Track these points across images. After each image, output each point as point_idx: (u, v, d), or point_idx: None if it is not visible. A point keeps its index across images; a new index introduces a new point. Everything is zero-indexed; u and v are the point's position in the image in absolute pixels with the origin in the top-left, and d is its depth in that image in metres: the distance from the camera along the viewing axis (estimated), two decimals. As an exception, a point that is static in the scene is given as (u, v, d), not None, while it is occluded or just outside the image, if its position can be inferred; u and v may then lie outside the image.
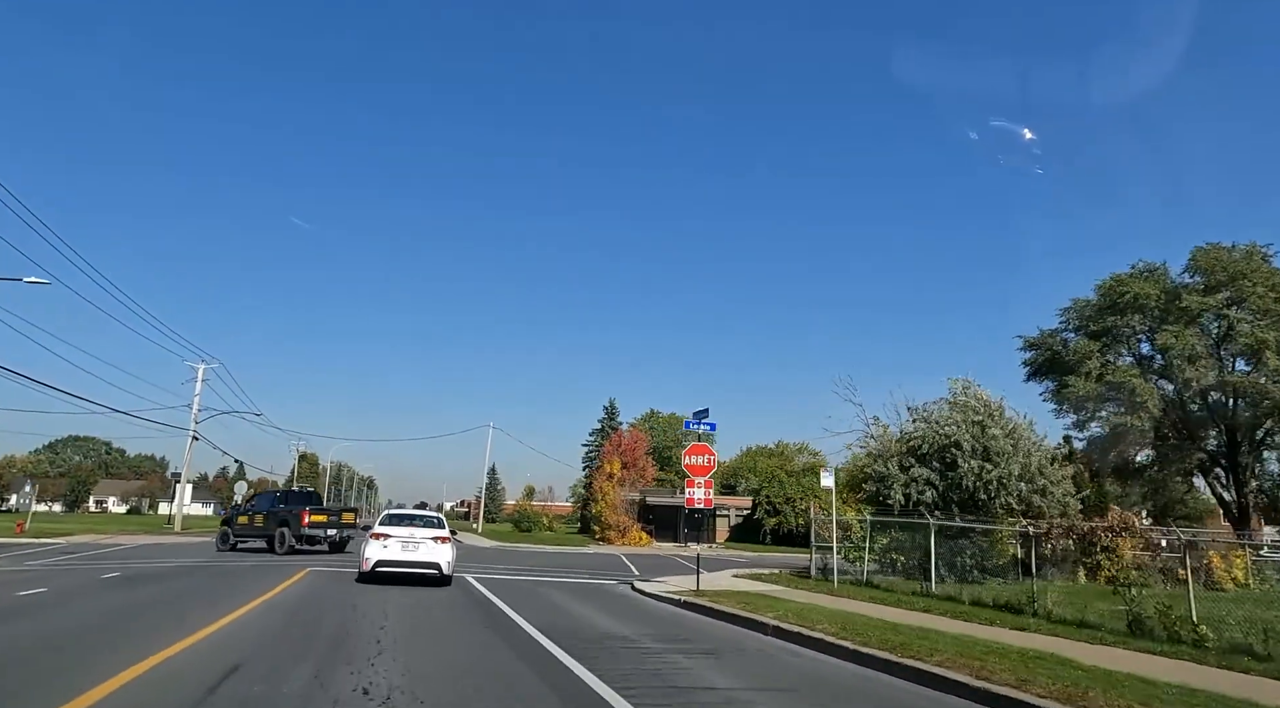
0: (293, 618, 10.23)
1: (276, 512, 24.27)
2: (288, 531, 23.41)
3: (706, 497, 16.34)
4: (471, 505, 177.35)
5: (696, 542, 47.52)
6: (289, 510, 24.02)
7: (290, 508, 24.29)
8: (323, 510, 25.01)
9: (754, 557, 36.17)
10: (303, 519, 23.34)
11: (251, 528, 25.11)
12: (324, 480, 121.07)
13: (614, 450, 73.37)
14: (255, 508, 25.79)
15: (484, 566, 22.99)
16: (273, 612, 10.73)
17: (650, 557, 33.02)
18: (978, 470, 20.10)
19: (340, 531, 24.80)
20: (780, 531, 45.73)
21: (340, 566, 19.76)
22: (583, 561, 28.03)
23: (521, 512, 78.82)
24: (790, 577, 21.33)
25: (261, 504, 25.80)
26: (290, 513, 23.86)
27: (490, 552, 32.17)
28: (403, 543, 15.13)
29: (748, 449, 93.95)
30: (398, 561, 14.97)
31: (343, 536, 25.02)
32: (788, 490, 46.65)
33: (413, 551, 15.05)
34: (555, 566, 24.55)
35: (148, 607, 11.18)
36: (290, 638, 8.55)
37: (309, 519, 23.44)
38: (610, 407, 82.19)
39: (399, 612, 11.12)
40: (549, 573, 21.26)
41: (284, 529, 23.50)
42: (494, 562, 25.10)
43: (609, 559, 29.41)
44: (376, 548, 15.07)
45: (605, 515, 45.99)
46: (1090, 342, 28.24)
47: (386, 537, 15.21)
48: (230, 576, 16.62)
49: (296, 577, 16.14)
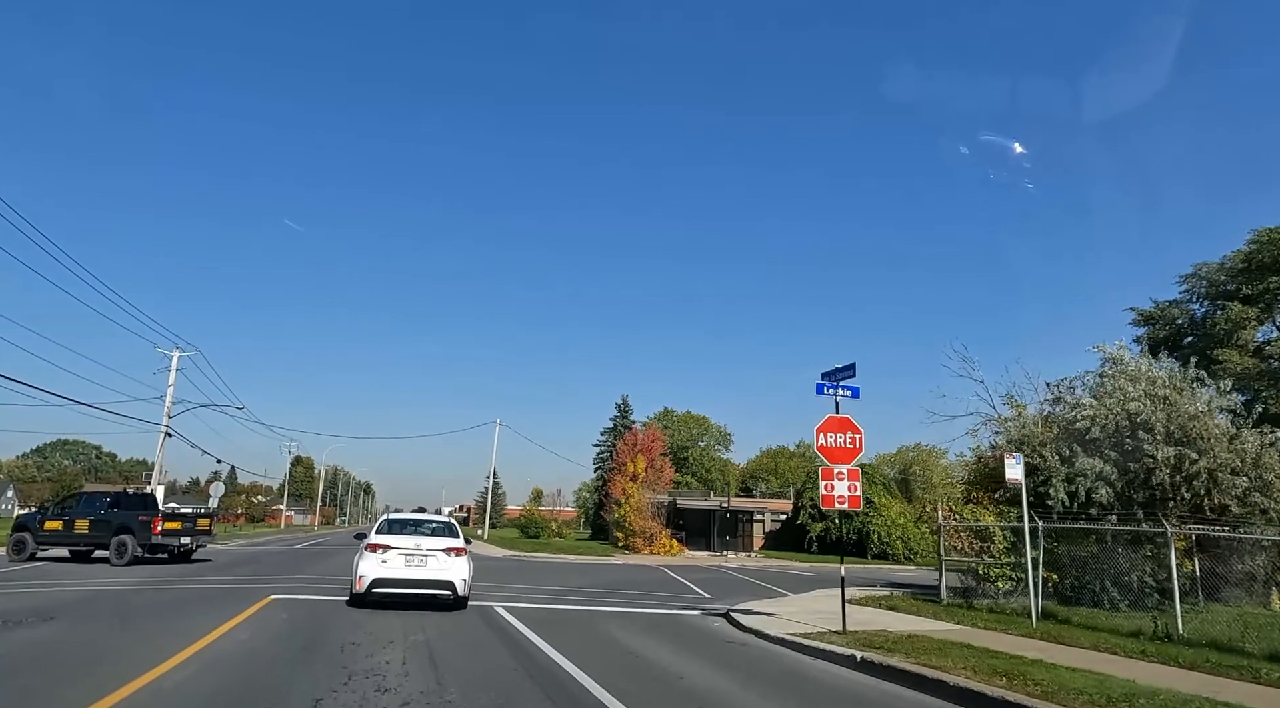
0: None
1: (111, 517, 20.93)
2: (131, 539, 20.27)
3: (852, 493, 11.28)
4: (471, 510, 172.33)
5: (734, 551, 42.44)
6: (131, 516, 20.90)
7: (134, 513, 21.12)
8: (176, 517, 22.33)
9: (817, 569, 31.02)
10: (154, 526, 20.57)
11: (65, 535, 21.35)
12: (319, 485, 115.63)
13: (630, 450, 68.40)
14: (72, 511, 21.61)
15: (505, 585, 17.85)
16: None
17: (698, 570, 27.83)
18: (1175, 460, 14.97)
19: (195, 538, 22.49)
20: (828, 538, 40.53)
21: (315, 590, 14.58)
22: (623, 576, 22.85)
23: (529, 517, 73.57)
24: (915, 601, 16.23)
25: (85, 508, 21.45)
26: (134, 519, 20.69)
27: (506, 564, 26.98)
28: (406, 556, 12.10)
29: (767, 450, 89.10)
30: (401, 579, 11.96)
31: (197, 544, 22.73)
32: (835, 492, 41.38)
33: (420, 566, 12.08)
34: (595, 584, 19.36)
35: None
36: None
37: (162, 526, 20.79)
38: (623, 404, 76.97)
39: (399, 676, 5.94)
40: (595, 597, 16.09)
41: (125, 536, 20.31)
42: (515, 579, 19.98)
43: (654, 575, 24.21)
44: (373, 563, 11.98)
45: (630, 521, 40.77)
46: (1245, 307, 23.13)
47: (386, 549, 12.10)
48: (152, 612, 11.40)
49: (247, 613, 10.95)
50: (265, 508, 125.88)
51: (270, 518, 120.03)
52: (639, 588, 18.66)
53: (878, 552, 38.81)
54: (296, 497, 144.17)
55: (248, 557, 25.92)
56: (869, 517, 39.61)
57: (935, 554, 41.36)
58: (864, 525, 39.50)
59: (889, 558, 38.50)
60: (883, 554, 38.72)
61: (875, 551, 38.83)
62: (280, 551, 31.44)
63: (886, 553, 38.70)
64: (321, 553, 29.59)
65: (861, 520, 39.81)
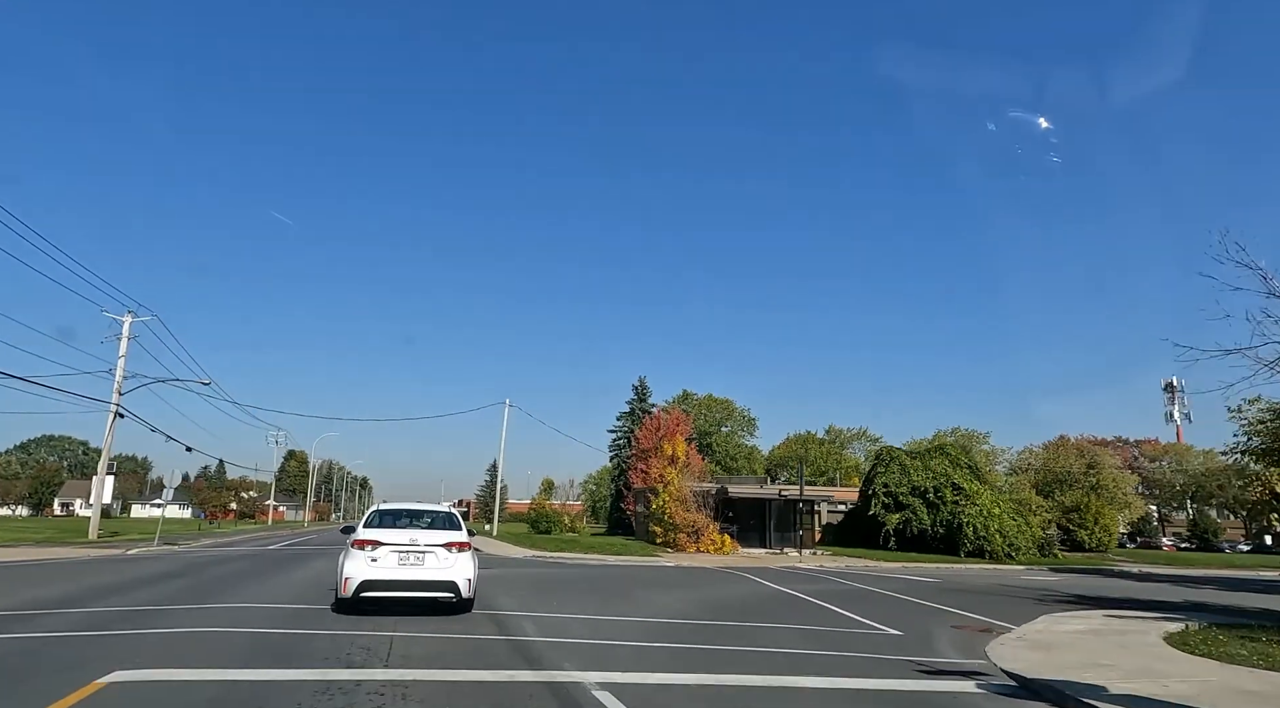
0: None
1: None
2: None
3: None
4: (471, 505, 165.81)
5: (792, 547, 35.85)
6: None
7: None
8: None
9: (928, 571, 24.40)
10: None
11: None
12: (311, 479, 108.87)
13: (652, 434, 61.63)
14: None
15: (563, 611, 11.16)
16: None
17: (787, 575, 21.12)
18: None
19: None
20: (907, 531, 33.89)
21: (223, 649, 7.89)
22: (713, 593, 16.18)
23: (539, 510, 66.93)
24: (1259, 640, 9.53)
25: None
26: None
27: (535, 570, 20.30)
28: (401, 554, 10.09)
29: (796, 436, 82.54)
30: (395, 581, 9.94)
31: None
32: (916, 478, 34.75)
33: (416, 565, 10.06)
34: (694, 609, 12.63)
35: None
36: None
37: None
38: (640, 386, 70.22)
39: None
40: (728, 639, 9.39)
41: None
42: (564, 596, 13.42)
43: (749, 588, 17.52)
44: (362, 562, 9.96)
45: (671, 513, 34.09)
46: None
47: (376, 545, 10.06)
48: None
49: None
50: (256, 504, 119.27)
51: (262, 514, 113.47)
52: (766, 615, 11.97)
53: (972, 549, 32.20)
54: (289, 492, 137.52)
55: (189, 564, 19.20)
56: (960, 506, 32.98)
57: (1039, 550, 34.93)
58: (954, 516, 32.87)
59: (986, 556, 31.90)
60: (978, 551, 32.12)
61: (969, 547, 32.22)
62: (244, 554, 24.73)
63: (983, 550, 32.10)
64: (292, 558, 22.86)
65: (951, 510, 33.18)
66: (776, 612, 12.45)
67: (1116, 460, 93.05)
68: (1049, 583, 22.12)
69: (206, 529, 56.25)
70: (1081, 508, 47.40)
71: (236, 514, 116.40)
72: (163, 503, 33.20)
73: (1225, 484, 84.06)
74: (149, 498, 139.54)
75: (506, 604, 11.74)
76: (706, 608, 12.55)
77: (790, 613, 12.36)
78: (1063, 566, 31.36)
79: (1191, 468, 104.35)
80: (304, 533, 54.51)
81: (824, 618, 11.92)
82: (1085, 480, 68.21)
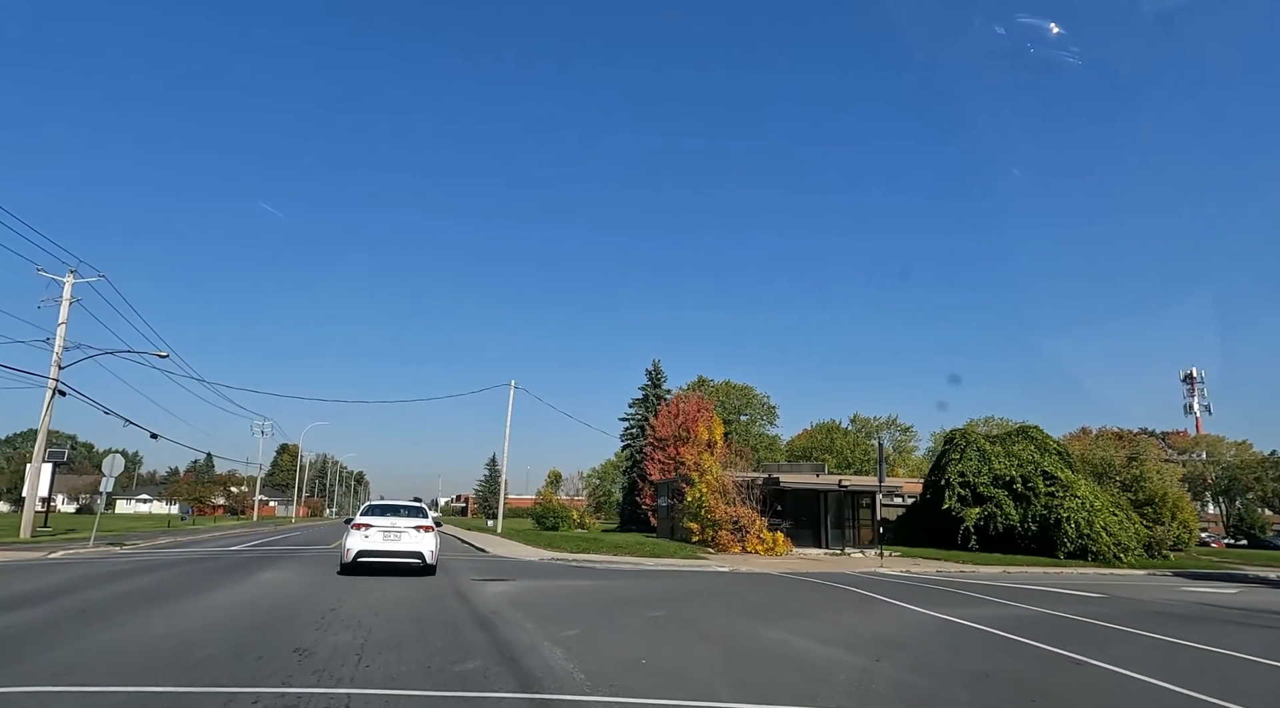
0: None
1: None
2: None
3: None
4: (470, 500, 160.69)
5: (851, 546, 30.67)
6: None
7: None
8: None
9: (1080, 580, 19.17)
10: None
11: None
12: (300, 473, 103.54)
13: (670, 421, 56.38)
14: None
15: (647, 670, 5.70)
16: None
17: (892, 585, 15.84)
18: None
19: None
20: (990, 529, 28.70)
21: None
22: (831, 613, 11.00)
23: (545, 505, 61.71)
24: None
25: None
26: None
27: (556, 578, 15.07)
28: (384, 533, 14.70)
29: (819, 425, 77.31)
30: (380, 551, 14.64)
31: None
32: (998, 466, 29.52)
33: (395, 540, 14.70)
34: (862, 664, 7.33)
35: None
36: None
37: None
38: (654, 370, 64.94)
39: None
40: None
41: None
42: (616, 621, 8.09)
43: (876, 609, 12.30)
44: (358, 539, 14.61)
45: (711, 507, 28.85)
46: None
47: (368, 527, 14.74)
48: None
49: None
50: (244, 499, 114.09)
51: (253, 510, 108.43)
52: (1049, 698, 6.70)
53: (1073, 549, 27.00)
54: (282, 487, 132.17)
55: (98, 575, 13.89)
56: (1057, 498, 27.77)
57: (1157, 550, 29.59)
58: (1049, 511, 27.65)
59: (1090, 557, 26.74)
60: (1080, 552, 26.94)
61: (1069, 547, 27.02)
62: (190, 559, 19.46)
63: (1087, 550, 26.91)
64: (244, 564, 17.54)
65: (1045, 503, 27.97)
66: (1036, 681, 7.17)
67: (1162, 452, 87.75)
68: (1229, 598, 16.93)
69: (178, 526, 50.91)
70: (1157, 501, 42.24)
71: (225, 510, 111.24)
72: (101, 494, 27.81)
73: (1262, 476, 78.94)
74: (135, 493, 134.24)
75: (561, 668, 6.45)
76: (920, 673, 7.22)
77: (1068, 686, 7.10)
78: (1188, 569, 26.17)
79: (1224, 460, 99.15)
80: (288, 530, 49.23)
81: (1135, 696, 6.65)
82: (1127, 472, 63.14)
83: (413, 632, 7.87)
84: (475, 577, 15.16)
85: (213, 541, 31.75)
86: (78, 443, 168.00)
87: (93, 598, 10.48)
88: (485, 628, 8.32)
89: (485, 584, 13.71)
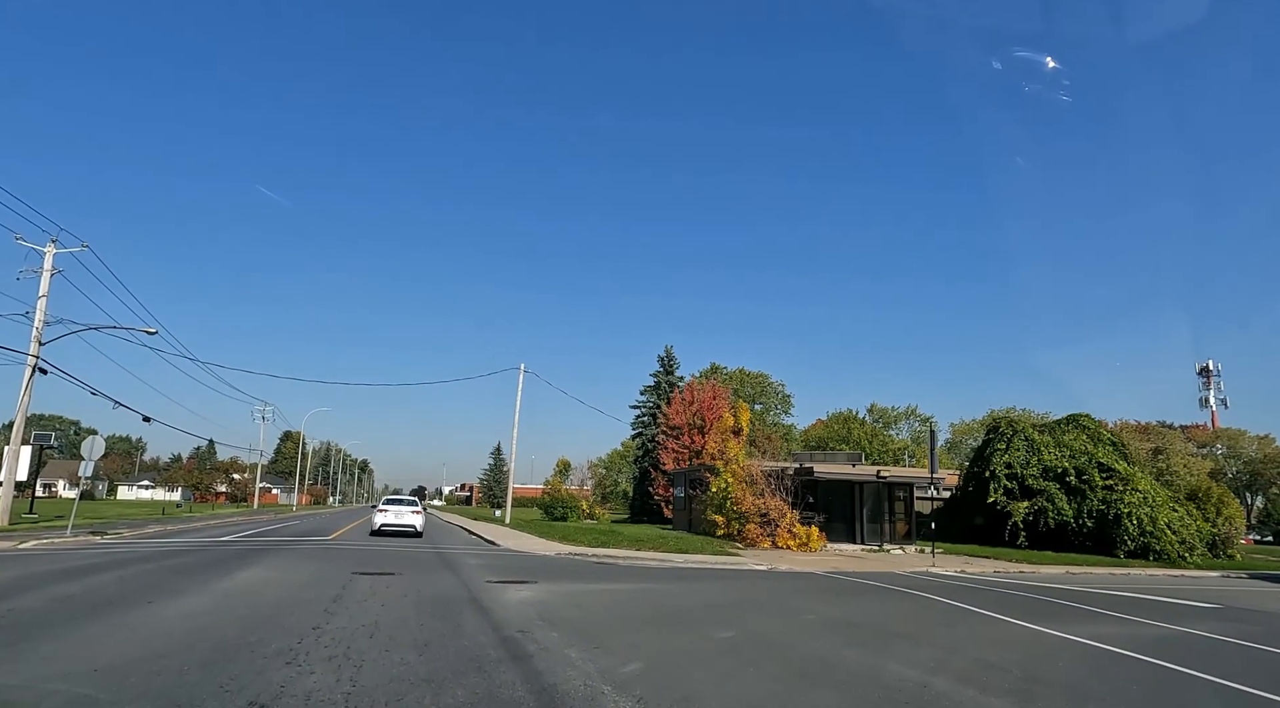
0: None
1: None
2: None
3: None
4: (474, 489, 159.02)
5: (888, 541, 28.54)
6: None
7: None
8: None
9: (1175, 586, 16.95)
10: None
11: None
12: (301, 461, 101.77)
13: (684, 409, 54.24)
14: None
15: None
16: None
17: (961, 589, 13.67)
18: None
19: None
20: (1040, 524, 26.53)
21: None
22: (931, 634, 8.89)
23: (553, 495, 59.65)
24: None
25: None
26: None
27: (581, 578, 13.01)
28: (395, 514, 26.24)
29: (835, 414, 75.03)
30: (392, 524, 25.92)
31: None
32: (1048, 457, 27.31)
33: (400, 518, 26.06)
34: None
35: None
36: None
37: None
38: (667, 356, 62.69)
39: None
40: None
41: None
42: (679, 646, 5.92)
43: (974, 622, 10.18)
44: (380, 517, 26.35)
45: (739, 500, 26.73)
46: None
47: (385, 511, 26.65)
48: None
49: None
50: (247, 486, 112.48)
51: (258, 497, 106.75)
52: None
53: (1134, 548, 24.82)
54: (286, 475, 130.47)
55: (52, 574, 11.80)
56: (1117, 492, 25.56)
57: (1221, 550, 27.18)
58: (1108, 506, 25.45)
59: (1152, 556, 24.55)
60: (1142, 550, 24.76)
61: (1130, 546, 24.84)
62: (169, 551, 17.38)
63: (1149, 549, 24.72)
64: (223, 560, 15.42)
65: (1103, 498, 25.77)
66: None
67: (1190, 445, 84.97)
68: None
69: (173, 513, 49.00)
70: (1201, 496, 40.05)
71: (227, 497, 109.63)
72: (80, 478, 25.83)
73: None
74: (138, 479, 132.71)
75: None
76: None
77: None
78: (1260, 570, 23.98)
79: (1246, 454, 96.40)
80: (288, 518, 47.26)
81: None
82: (1152, 466, 60.83)
83: (420, 669, 5.75)
84: (491, 578, 13.05)
85: (205, 529, 29.74)
86: (81, 429, 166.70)
87: (22, 606, 8.38)
88: (518, 661, 6.19)
89: (505, 589, 11.61)
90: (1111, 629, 10.05)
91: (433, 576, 13.13)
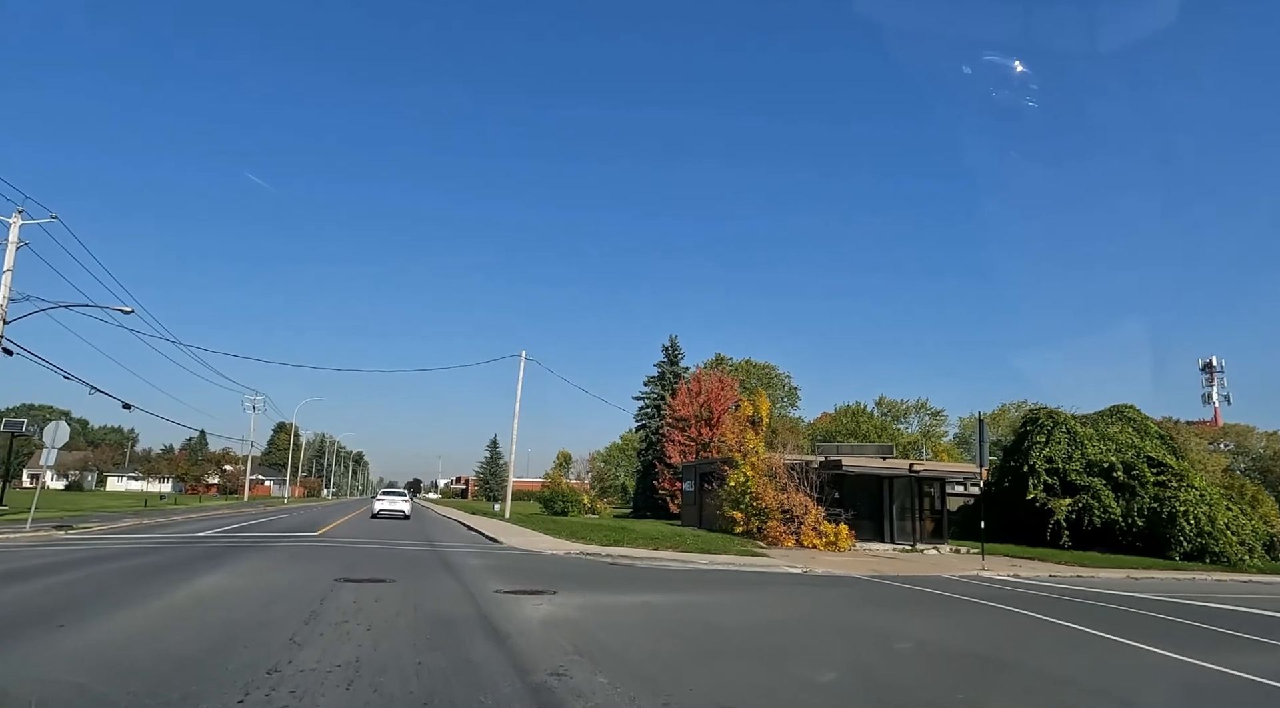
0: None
1: None
2: None
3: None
4: (470, 483, 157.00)
5: (919, 540, 26.68)
6: None
7: None
8: None
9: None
10: None
11: None
12: (293, 453, 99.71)
13: (691, 400, 52.31)
14: None
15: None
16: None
17: (1043, 600, 11.72)
18: None
19: None
20: (1084, 523, 24.67)
21: None
22: (1092, 671, 6.94)
23: (554, 488, 57.73)
24: None
25: None
26: None
27: (615, 588, 11.11)
28: (389, 502, 35.97)
29: (843, 408, 73.25)
30: (387, 509, 35.12)
31: None
32: (1092, 451, 25.43)
33: (392, 505, 35.50)
34: None
35: None
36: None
37: None
38: (671, 347, 60.71)
39: None
40: None
41: None
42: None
43: (1138, 658, 8.23)
44: (378, 504, 36.12)
45: (760, 495, 24.82)
46: None
47: (382, 500, 36.66)
48: None
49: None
50: (239, 478, 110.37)
51: (244, 489, 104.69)
52: None
53: (1190, 550, 22.96)
54: (280, 467, 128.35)
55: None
56: (1170, 489, 23.70)
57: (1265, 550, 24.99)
58: (1160, 504, 23.59)
59: (1209, 558, 22.70)
60: (1199, 552, 22.90)
61: (1186, 547, 22.98)
62: (136, 550, 15.39)
63: (1206, 550, 22.87)
64: (192, 560, 13.39)
65: (1154, 495, 23.91)
66: None
67: (1201, 442, 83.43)
68: None
69: (155, 505, 46.93)
70: (1235, 493, 38.30)
71: (218, 489, 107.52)
72: (45, 468, 23.86)
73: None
74: (128, 471, 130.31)
75: None
76: None
77: None
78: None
79: (1254, 451, 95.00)
80: (277, 511, 45.13)
81: None
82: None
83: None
84: (500, 586, 11.05)
85: (184, 524, 27.74)
86: (71, 419, 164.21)
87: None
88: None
89: (519, 602, 9.61)
90: (1270, 661, 8.12)
91: (431, 583, 11.17)
